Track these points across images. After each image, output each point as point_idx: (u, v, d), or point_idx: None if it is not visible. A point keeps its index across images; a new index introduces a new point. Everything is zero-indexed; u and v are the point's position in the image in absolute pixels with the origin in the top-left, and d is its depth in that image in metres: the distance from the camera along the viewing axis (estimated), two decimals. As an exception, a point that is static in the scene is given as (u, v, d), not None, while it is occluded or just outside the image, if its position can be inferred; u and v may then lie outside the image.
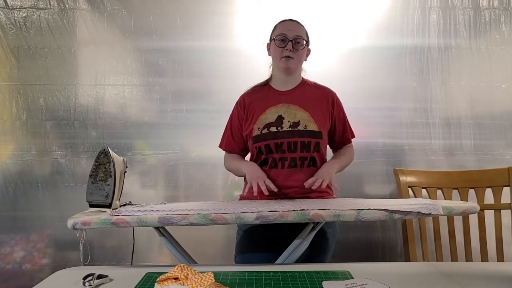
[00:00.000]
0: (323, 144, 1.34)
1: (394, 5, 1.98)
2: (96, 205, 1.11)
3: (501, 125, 1.98)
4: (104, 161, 1.13)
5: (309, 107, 1.33)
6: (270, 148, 1.30)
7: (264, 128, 1.32)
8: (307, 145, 1.29)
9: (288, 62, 1.31)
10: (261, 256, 1.25)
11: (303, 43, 1.31)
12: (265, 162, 1.33)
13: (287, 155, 1.30)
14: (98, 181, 1.12)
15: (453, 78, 1.99)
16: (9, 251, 1.92)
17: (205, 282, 0.70)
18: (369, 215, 0.94)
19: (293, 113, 1.32)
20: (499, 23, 1.98)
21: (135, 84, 1.97)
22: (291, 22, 1.33)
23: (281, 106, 1.34)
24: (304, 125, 1.30)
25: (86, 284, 0.84)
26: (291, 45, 1.29)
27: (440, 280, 0.88)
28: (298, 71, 1.39)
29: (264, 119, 1.33)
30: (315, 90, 1.39)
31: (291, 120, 1.31)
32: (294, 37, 1.29)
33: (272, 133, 1.30)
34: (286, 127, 1.30)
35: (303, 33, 1.33)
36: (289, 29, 1.30)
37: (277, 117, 1.32)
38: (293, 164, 1.30)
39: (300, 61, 1.34)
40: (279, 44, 1.30)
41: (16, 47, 1.92)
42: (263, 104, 1.36)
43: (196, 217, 0.94)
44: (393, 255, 1.95)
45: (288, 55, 1.30)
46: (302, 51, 1.32)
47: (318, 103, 1.35)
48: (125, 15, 1.95)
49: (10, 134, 1.93)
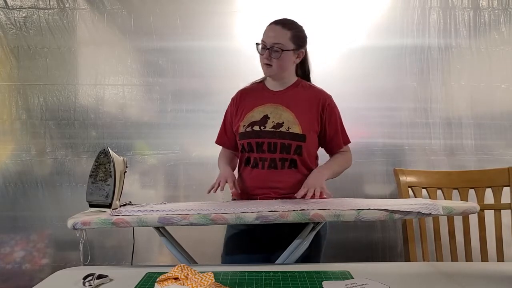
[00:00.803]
0: (306, 148, 1.30)
1: (394, 5, 1.98)
2: (96, 205, 1.11)
3: (501, 125, 1.98)
4: (104, 161, 1.13)
5: (296, 109, 1.31)
6: (251, 146, 1.31)
7: (249, 126, 1.32)
8: (287, 147, 1.28)
9: (267, 70, 1.32)
10: (249, 257, 1.26)
11: (279, 51, 1.27)
12: (248, 160, 1.34)
13: (267, 155, 1.29)
14: (98, 181, 1.12)
15: (453, 78, 1.99)
16: (9, 251, 1.92)
17: (205, 282, 0.70)
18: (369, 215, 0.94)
19: (279, 113, 1.31)
20: (498, 24, 1.98)
21: (135, 84, 1.97)
22: (274, 27, 1.30)
23: (269, 106, 1.33)
24: (287, 126, 1.29)
25: (86, 284, 0.84)
26: (268, 53, 1.28)
27: (440, 280, 0.88)
28: (287, 74, 1.36)
29: (251, 117, 1.33)
30: (307, 92, 1.37)
31: (276, 121, 1.30)
32: (271, 45, 1.27)
33: (254, 132, 1.31)
34: (269, 127, 1.29)
35: (284, 38, 1.27)
36: (268, 36, 1.29)
37: (262, 116, 1.32)
38: (273, 165, 1.29)
39: (281, 67, 1.31)
40: (260, 52, 1.31)
41: (16, 47, 1.92)
42: (253, 102, 1.36)
43: (196, 217, 0.94)
44: (393, 255, 1.95)
45: (267, 63, 1.30)
46: (281, 58, 1.28)
47: (307, 105, 1.33)
48: (125, 15, 1.95)
49: (10, 134, 1.93)
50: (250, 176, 1.34)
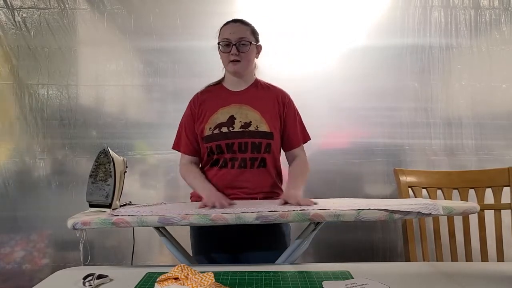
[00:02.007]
0: (274, 145, 1.32)
1: (395, 5, 1.98)
2: (96, 205, 1.11)
3: (501, 125, 1.98)
4: (104, 161, 1.13)
5: (260, 108, 1.33)
6: (221, 148, 1.30)
7: (216, 128, 1.31)
8: (257, 145, 1.29)
9: (235, 66, 1.31)
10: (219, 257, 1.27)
11: (248, 44, 1.29)
12: (216, 162, 1.33)
13: (238, 155, 1.29)
14: (98, 181, 1.11)
15: (454, 77, 1.99)
16: (9, 251, 1.92)
17: (205, 282, 0.70)
18: (369, 215, 0.94)
19: (244, 113, 1.32)
20: (499, 23, 1.98)
21: (135, 84, 1.97)
22: (234, 24, 1.32)
23: (233, 107, 1.33)
24: (255, 125, 1.30)
25: (86, 284, 0.84)
26: (235, 49, 1.28)
27: (440, 280, 0.88)
28: (249, 72, 1.38)
29: (216, 119, 1.32)
30: (266, 91, 1.38)
31: (243, 121, 1.30)
32: (237, 40, 1.28)
33: (223, 134, 1.30)
34: (237, 128, 1.30)
35: (247, 33, 1.31)
36: (231, 33, 1.30)
37: (228, 118, 1.31)
38: (243, 164, 1.29)
39: (248, 62, 1.33)
40: (224, 50, 1.31)
41: (16, 47, 1.92)
42: (215, 103, 1.35)
43: (196, 217, 0.94)
44: (393, 255, 1.95)
45: (235, 59, 1.30)
46: (248, 52, 1.30)
47: (269, 103, 1.34)
48: (125, 15, 1.95)
49: (10, 134, 1.93)
50: (216, 176, 1.32)
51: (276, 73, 1.97)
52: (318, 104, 1.96)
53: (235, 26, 1.31)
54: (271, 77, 1.94)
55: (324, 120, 1.97)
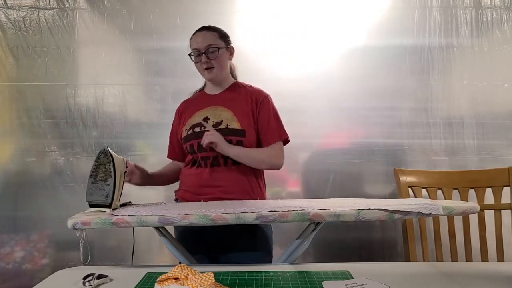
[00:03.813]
0: (247, 142, 1.31)
1: (394, 5, 1.98)
2: (96, 205, 1.11)
3: (503, 125, 1.97)
4: (104, 161, 1.13)
5: (233, 107, 1.35)
6: (193, 147, 1.33)
7: (190, 129, 1.35)
8: (228, 143, 1.29)
9: (210, 74, 1.34)
10: (198, 258, 1.27)
11: (216, 50, 1.32)
12: (194, 162, 1.36)
13: (209, 154, 1.31)
14: (98, 181, 1.11)
15: (455, 77, 1.99)
16: (9, 251, 1.92)
17: (205, 282, 0.70)
18: (369, 215, 0.94)
19: (218, 113, 1.35)
20: (501, 22, 1.98)
21: (135, 84, 1.97)
22: (200, 33, 1.35)
23: (209, 109, 1.37)
24: (226, 124, 1.31)
25: (86, 284, 0.84)
26: (205, 57, 1.31)
27: (440, 280, 0.87)
28: (225, 75, 1.40)
29: (192, 121, 1.37)
30: (242, 91, 1.40)
31: (215, 120, 1.33)
32: (205, 48, 1.31)
33: (195, 133, 1.33)
34: (209, 127, 1.32)
35: (214, 38, 1.33)
36: (198, 42, 1.33)
37: (203, 119, 1.35)
38: (216, 162, 1.31)
39: (222, 66, 1.36)
40: (196, 60, 1.35)
41: (15, 47, 1.92)
42: (194, 108, 1.40)
43: (196, 217, 0.94)
44: (393, 255, 1.95)
45: (207, 66, 1.33)
46: (219, 57, 1.33)
47: (243, 102, 1.36)
48: (125, 15, 1.95)
49: (9, 134, 1.92)
50: (193, 175, 1.34)
51: (276, 73, 1.97)
52: (318, 104, 1.96)
53: (201, 34, 1.35)
54: (271, 77, 1.96)
55: (324, 120, 1.97)
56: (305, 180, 1.97)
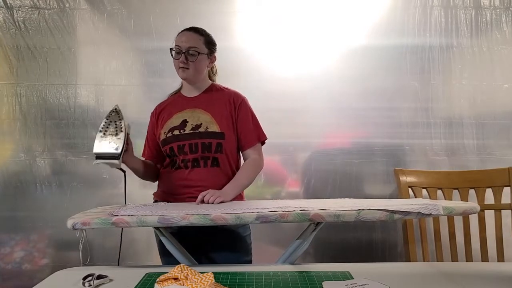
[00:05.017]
0: (227, 145, 1.34)
1: (395, 5, 1.98)
2: (103, 157, 1.12)
3: (503, 125, 1.97)
4: (115, 118, 1.18)
5: (212, 110, 1.36)
6: (173, 150, 1.35)
7: (169, 132, 1.36)
8: (208, 146, 1.32)
9: (183, 73, 1.35)
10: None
11: (196, 54, 1.32)
12: (173, 164, 1.37)
13: (189, 156, 1.32)
14: (108, 135, 1.15)
15: (455, 77, 1.99)
16: (9, 251, 1.92)
17: (205, 282, 0.70)
18: (369, 215, 0.94)
19: (197, 116, 1.36)
20: (500, 23, 1.98)
21: (135, 84, 1.97)
22: (187, 33, 1.35)
23: (187, 111, 1.38)
24: (205, 127, 1.33)
25: (86, 284, 0.84)
26: (184, 56, 1.32)
27: (440, 280, 0.87)
28: (201, 79, 1.41)
29: (170, 124, 1.37)
30: (220, 93, 1.41)
31: (194, 123, 1.34)
32: (186, 48, 1.31)
33: (175, 136, 1.34)
34: (188, 130, 1.34)
35: (198, 42, 1.34)
36: (182, 41, 1.33)
37: (181, 121, 1.36)
38: (196, 164, 1.33)
39: (197, 70, 1.36)
40: (175, 56, 1.35)
41: (15, 47, 1.92)
42: (171, 110, 1.41)
43: (196, 217, 0.94)
44: (393, 255, 1.95)
45: (183, 66, 1.33)
46: (197, 61, 1.34)
47: (222, 105, 1.37)
48: (125, 15, 1.95)
49: (9, 134, 1.92)
50: (172, 175, 1.36)
51: (276, 73, 1.97)
52: (318, 104, 1.96)
53: (188, 34, 1.35)
54: (271, 77, 1.96)
55: (324, 120, 1.97)
56: (305, 180, 1.97)
